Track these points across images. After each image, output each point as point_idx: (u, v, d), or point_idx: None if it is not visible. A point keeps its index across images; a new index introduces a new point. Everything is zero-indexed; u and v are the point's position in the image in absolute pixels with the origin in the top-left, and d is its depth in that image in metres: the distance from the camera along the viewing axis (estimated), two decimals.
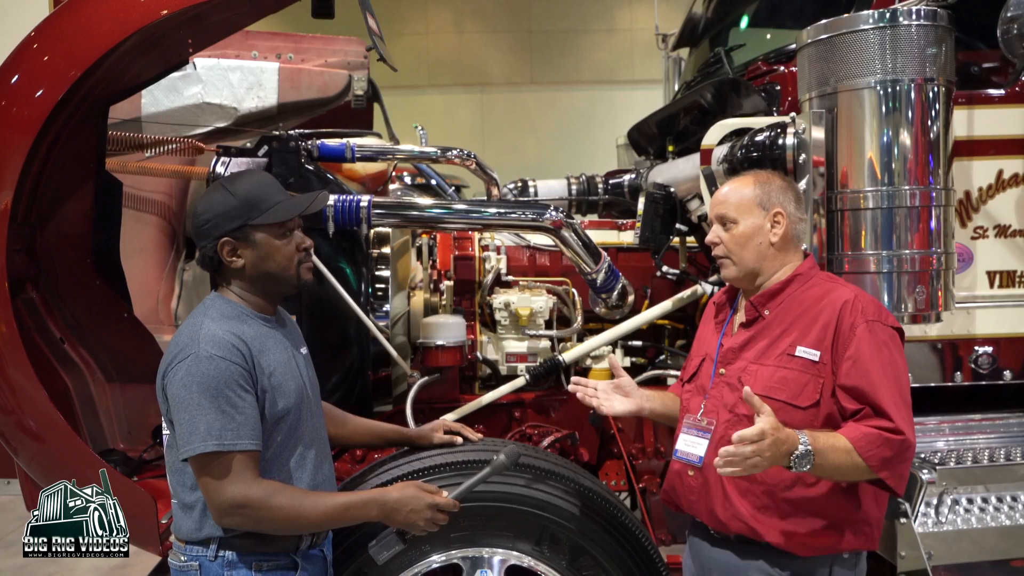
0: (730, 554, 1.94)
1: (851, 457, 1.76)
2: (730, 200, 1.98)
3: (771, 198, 1.95)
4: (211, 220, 1.84)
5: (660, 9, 4.89)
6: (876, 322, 1.84)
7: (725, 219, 1.98)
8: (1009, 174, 2.58)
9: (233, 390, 1.74)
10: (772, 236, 1.94)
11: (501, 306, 2.99)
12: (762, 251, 1.95)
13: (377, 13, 3.33)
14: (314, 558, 1.93)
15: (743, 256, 1.96)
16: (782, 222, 1.95)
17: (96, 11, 2.24)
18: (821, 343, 1.85)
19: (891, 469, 1.78)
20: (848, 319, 1.84)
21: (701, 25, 3.95)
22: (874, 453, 1.76)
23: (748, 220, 1.95)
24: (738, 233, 1.96)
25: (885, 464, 1.77)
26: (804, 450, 1.70)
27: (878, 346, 1.82)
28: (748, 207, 1.96)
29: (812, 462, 1.71)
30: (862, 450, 1.76)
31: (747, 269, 1.97)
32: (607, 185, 3.91)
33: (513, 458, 1.99)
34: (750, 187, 1.98)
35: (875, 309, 1.88)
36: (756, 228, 1.95)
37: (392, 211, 2.71)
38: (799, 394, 1.84)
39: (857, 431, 1.78)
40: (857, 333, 1.83)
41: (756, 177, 2.00)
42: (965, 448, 2.58)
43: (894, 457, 1.77)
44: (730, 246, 1.97)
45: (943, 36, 2.25)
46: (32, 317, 2.41)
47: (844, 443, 1.77)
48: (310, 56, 3.36)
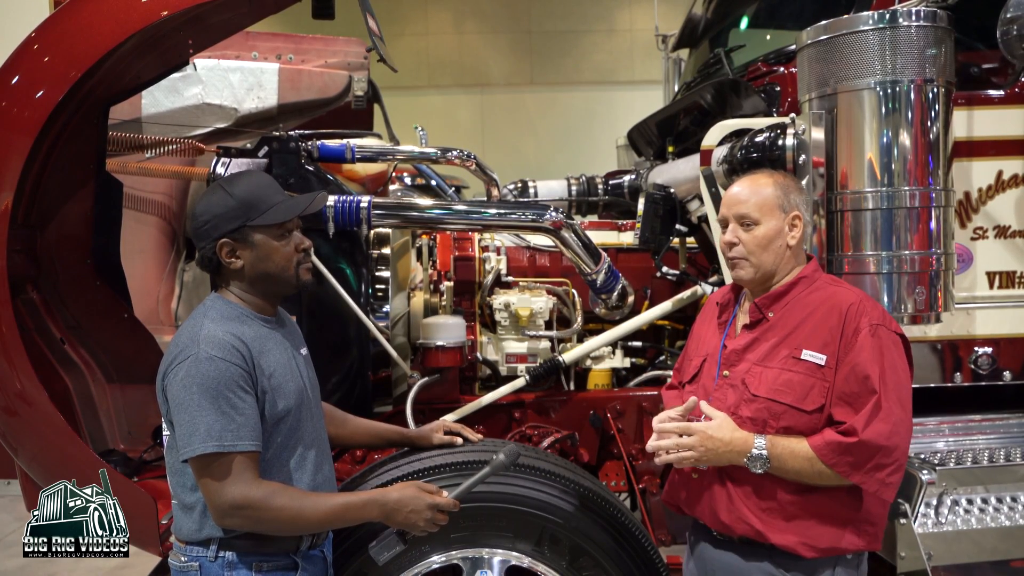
0: (734, 556, 1.93)
1: (813, 464, 1.79)
2: (751, 200, 1.93)
3: (790, 200, 1.93)
4: (210, 221, 1.85)
5: (660, 10, 4.89)
6: (880, 326, 1.84)
7: (746, 219, 1.93)
8: (1009, 175, 2.58)
9: (233, 391, 1.74)
10: (791, 239, 1.92)
11: (501, 307, 3.00)
12: (780, 254, 1.93)
13: (377, 14, 3.34)
14: (314, 559, 1.93)
15: (763, 258, 1.92)
16: (799, 225, 1.93)
17: (96, 12, 2.24)
18: (827, 347, 1.85)
19: (862, 474, 1.78)
20: (852, 323, 1.84)
21: (701, 26, 3.95)
22: (837, 460, 1.78)
23: (770, 222, 1.92)
24: (760, 235, 1.92)
25: (853, 469, 1.78)
26: (756, 453, 1.82)
27: (879, 351, 1.82)
28: (770, 208, 1.92)
29: (766, 466, 1.81)
30: (824, 457, 1.79)
31: (765, 271, 1.94)
32: (607, 186, 3.91)
33: (513, 457, 1.99)
34: (770, 187, 1.94)
35: (880, 313, 1.87)
36: (777, 231, 1.92)
37: (392, 212, 2.71)
38: (804, 397, 1.84)
39: (819, 438, 1.81)
40: (859, 339, 1.82)
41: (773, 177, 1.97)
42: (965, 449, 2.58)
43: (857, 461, 1.77)
44: (751, 247, 1.92)
45: (943, 37, 2.25)
46: (32, 318, 2.41)
47: (804, 449, 1.80)
48: (310, 57, 3.36)
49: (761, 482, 1.86)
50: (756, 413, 1.87)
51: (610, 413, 2.92)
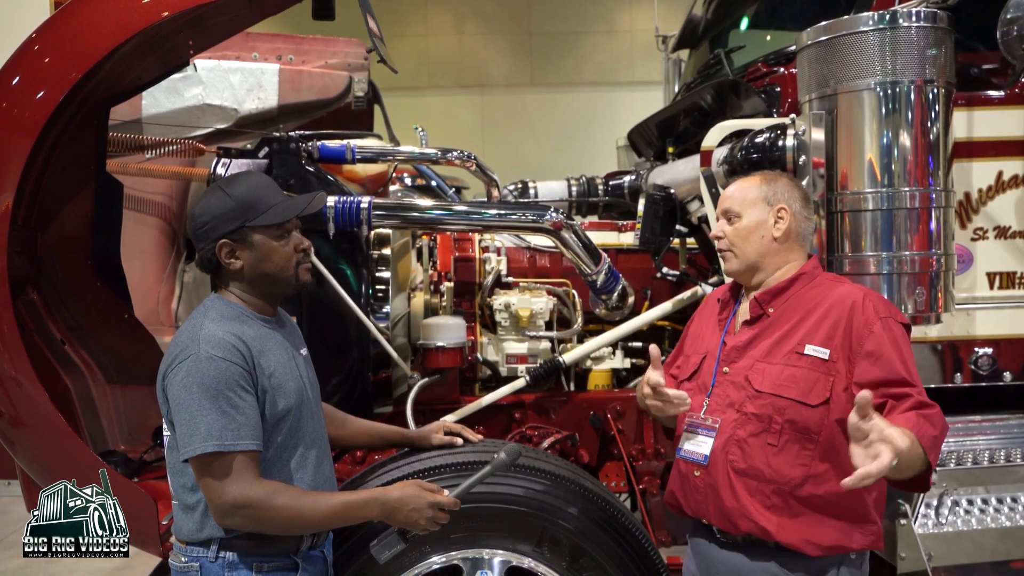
0: (739, 556, 1.93)
1: (915, 447, 1.64)
2: (735, 196, 2.03)
3: (776, 195, 1.99)
4: (209, 222, 1.85)
5: (660, 11, 4.90)
6: (889, 318, 1.87)
7: (730, 213, 2.02)
8: (1009, 175, 2.58)
9: (233, 391, 1.74)
10: (775, 231, 1.97)
11: (501, 307, 3.00)
12: (764, 244, 1.97)
13: (377, 15, 3.34)
14: (315, 559, 1.93)
15: (745, 249, 1.98)
16: (785, 217, 1.97)
17: (97, 13, 2.24)
18: (830, 341, 1.86)
19: (936, 450, 1.73)
20: (861, 317, 1.85)
21: (701, 27, 3.96)
22: (926, 432, 1.68)
23: (752, 214, 1.98)
24: (741, 226, 1.99)
25: (934, 444, 1.71)
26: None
27: (895, 341, 1.84)
28: (752, 202, 1.99)
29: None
30: (918, 434, 1.65)
31: (748, 262, 1.98)
32: (607, 186, 3.91)
33: (513, 456, 1.99)
34: (756, 184, 2.02)
35: (885, 306, 1.90)
36: (759, 222, 1.98)
37: (392, 212, 2.71)
38: (809, 392, 1.85)
39: (906, 419, 1.69)
40: (875, 331, 1.84)
41: (763, 176, 2.04)
42: (965, 449, 2.58)
43: (939, 435, 1.74)
44: (733, 238, 2.00)
45: (943, 38, 2.25)
46: (33, 319, 2.41)
47: (910, 435, 1.64)
48: (310, 58, 3.36)
49: (765, 480, 1.86)
50: (761, 409, 1.88)
51: (610, 414, 2.93)
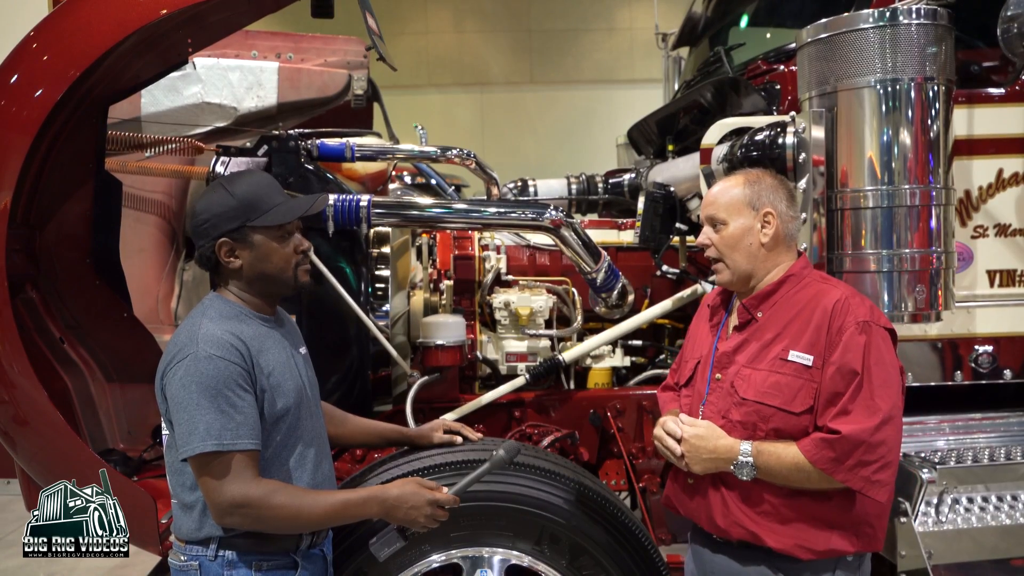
0: (732, 559, 1.93)
1: (800, 467, 1.78)
2: (719, 201, 1.96)
3: (761, 198, 1.92)
4: (209, 220, 1.84)
5: (660, 8, 4.89)
6: (867, 322, 1.81)
7: (715, 220, 1.96)
8: (1009, 173, 2.58)
9: (232, 390, 1.74)
10: (763, 237, 1.91)
11: (501, 305, 2.99)
12: (753, 252, 1.92)
13: (376, 13, 3.33)
14: (314, 557, 1.93)
15: (735, 259, 1.93)
16: (772, 222, 1.91)
17: (95, 11, 2.23)
18: (814, 347, 1.82)
19: (846, 471, 1.75)
20: (837, 321, 1.82)
21: (701, 24, 3.95)
22: (819, 456, 1.76)
23: (737, 221, 1.92)
24: (727, 234, 1.93)
25: (836, 465, 1.75)
26: (742, 460, 1.82)
27: (865, 348, 1.79)
28: (737, 207, 1.93)
29: (753, 473, 1.81)
30: (807, 454, 1.77)
31: (740, 272, 1.94)
32: (607, 184, 3.91)
33: (512, 453, 1.99)
34: (739, 187, 1.94)
35: (866, 309, 1.84)
36: (746, 229, 1.92)
37: (392, 211, 2.70)
38: (792, 399, 1.82)
39: (806, 439, 1.79)
40: (844, 337, 1.80)
41: (746, 176, 1.97)
42: (965, 447, 2.58)
43: (838, 457, 1.75)
44: (720, 248, 1.94)
45: (943, 35, 2.24)
46: (32, 317, 2.40)
47: (792, 453, 1.79)
48: (310, 56, 3.36)
49: (754, 486, 1.85)
50: (746, 416, 1.86)
51: (610, 412, 2.92)
